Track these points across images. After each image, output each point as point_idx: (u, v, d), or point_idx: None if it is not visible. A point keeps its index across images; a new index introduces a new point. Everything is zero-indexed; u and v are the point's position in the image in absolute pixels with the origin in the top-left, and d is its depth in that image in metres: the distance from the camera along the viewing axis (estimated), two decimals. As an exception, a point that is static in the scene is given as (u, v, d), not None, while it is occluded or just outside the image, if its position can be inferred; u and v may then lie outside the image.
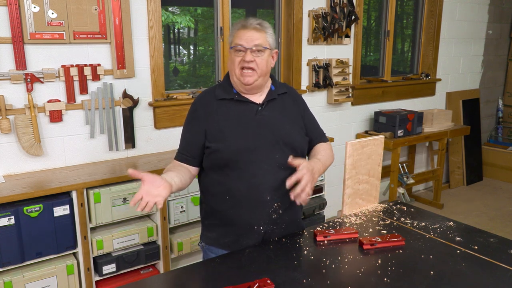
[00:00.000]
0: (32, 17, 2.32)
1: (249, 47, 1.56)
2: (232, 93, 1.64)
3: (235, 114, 1.62)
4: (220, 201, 1.62)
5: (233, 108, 1.63)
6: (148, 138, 2.87)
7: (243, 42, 1.56)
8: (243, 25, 1.59)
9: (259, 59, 1.57)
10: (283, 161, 1.57)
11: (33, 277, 2.19)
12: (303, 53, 3.50)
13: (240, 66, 1.57)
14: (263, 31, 1.59)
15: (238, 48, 1.57)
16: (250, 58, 1.55)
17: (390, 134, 3.83)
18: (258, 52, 1.57)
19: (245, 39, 1.56)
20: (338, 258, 1.43)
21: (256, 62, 1.57)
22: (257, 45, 1.56)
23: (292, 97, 1.75)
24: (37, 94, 2.43)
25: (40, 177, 2.39)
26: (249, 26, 1.57)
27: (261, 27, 1.59)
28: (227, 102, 1.64)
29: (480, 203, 4.54)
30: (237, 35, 1.58)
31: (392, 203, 1.94)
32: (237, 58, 1.58)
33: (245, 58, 1.55)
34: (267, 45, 1.59)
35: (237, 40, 1.57)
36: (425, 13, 4.50)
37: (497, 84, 5.53)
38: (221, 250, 1.66)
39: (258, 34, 1.57)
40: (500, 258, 1.43)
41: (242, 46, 1.56)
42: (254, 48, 1.56)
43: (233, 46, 1.59)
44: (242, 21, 1.61)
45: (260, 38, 1.57)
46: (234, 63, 1.58)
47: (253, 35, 1.56)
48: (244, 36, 1.56)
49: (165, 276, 1.61)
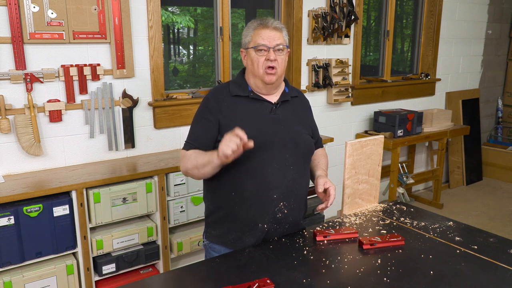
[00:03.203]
0: (31, 17, 2.32)
1: (271, 46, 1.58)
2: (247, 90, 1.66)
3: (250, 111, 1.62)
4: (226, 197, 1.62)
5: (247, 105, 1.64)
6: (147, 138, 2.87)
7: (266, 42, 1.58)
8: (262, 24, 1.60)
9: (280, 58, 1.60)
10: (292, 161, 1.61)
11: (33, 277, 2.19)
12: (303, 53, 3.50)
13: (265, 66, 1.58)
14: (281, 31, 1.62)
15: (261, 48, 1.58)
16: (274, 57, 1.58)
17: (389, 134, 3.84)
18: (279, 51, 1.60)
19: (268, 39, 1.58)
20: (338, 258, 1.43)
21: (278, 61, 1.59)
22: (278, 45, 1.59)
23: (302, 101, 1.80)
24: (36, 94, 2.43)
25: (39, 177, 2.39)
26: (270, 26, 1.60)
27: (280, 26, 1.62)
28: (242, 99, 1.65)
29: (479, 203, 4.54)
30: (257, 35, 1.59)
31: (392, 203, 1.94)
32: (261, 58, 1.59)
33: (270, 57, 1.57)
34: (286, 44, 1.63)
35: (259, 40, 1.58)
36: (425, 13, 4.50)
37: (497, 84, 5.53)
38: (224, 248, 1.66)
39: (278, 34, 1.60)
40: (500, 258, 1.43)
41: (265, 45, 1.58)
42: (276, 48, 1.58)
43: (255, 46, 1.59)
44: (260, 21, 1.62)
45: (280, 38, 1.61)
46: (258, 63, 1.59)
47: (274, 34, 1.59)
48: (266, 36, 1.58)
49: (164, 276, 1.61)
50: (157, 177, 2.52)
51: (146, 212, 2.52)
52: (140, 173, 2.47)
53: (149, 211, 2.53)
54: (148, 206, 2.51)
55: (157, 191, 2.53)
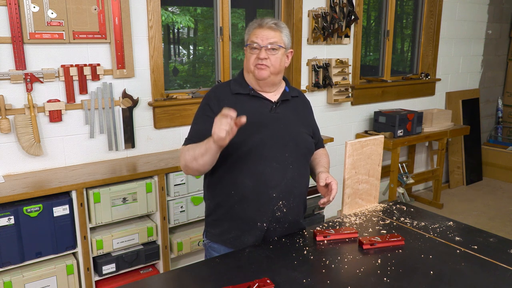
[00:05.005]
0: (31, 17, 2.32)
1: (263, 45, 1.60)
2: (247, 88, 1.68)
3: (250, 109, 1.63)
4: (226, 196, 1.62)
5: (248, 103, 1.65)
6: (147, 138, 2.87)
7: (258, 40, 1.60)
8: (259, 24, 1.63)
9: (273, 57, 1.61)
10: (292, 160, 1.61)
11: (33, 277, 2.19)
12: (303, 53, 3.50)
13: (254, 63, 1.62)
14: (278, 30, 1.63)
15: (254, 46, 1.61)
16: (264, 55, 1.60)
17: (389, 134, 3.83)
18: (273, 50, 1.61)
19: (261, 37, 1.60)
20: (338, 258, 1.43)
21: (270, 59, 1.61)
22: (271, 43, 1.60)
23: (302, 102, 1.81)
24: (36, 94, 2.43)
25: (39, 177, 2.39)
26: (264, 25, 1.62)
27: (277, 26, 1.63)
28: (243, 97, 1.66)
29: (479, 203, 4.54)
30: (253, 33, 1.63)
31: (392, 203, 1.94)
32: (252, 55, 1.62)
33: (260, 55, 1.60)
34: (281, 44, 1.63)
35: (253, 38, 1.62)
36: (425, 13, 4.50)
37: (497, 84, 5.53)
38: (224, 247, 1.66)
39: (274, 33, 1.62)
40: (500, 258, 1.43)
41: (257, 44, 1.60)
42: (269, 46, 1.60)
43: (249, 44, 1.63)
44: (259, 20, 1.65)
45: (275, 37, 1.61)
46: (249, 60, 1.63)
47: (268, 33, 1.61)
48: (259, 35, 1.61)
49: (165, 276, 1.61)
50: (157, 177, 2.52)
51: (146, 212, 2.52)
52: (140, 173, 2.47)
53: (149, 211, 2.53)
54: (148, 206, 2.51)
55: (157, 191, 2.53)
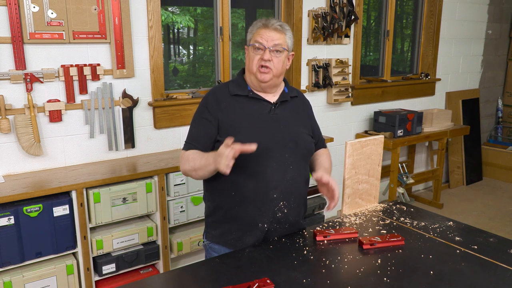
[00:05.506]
0: (31, 17, 2.32)
1: (268, 46, 1.59)
2: (246, 90, 1.67)
3: (249, 111, 1.63)
4: (226, 197, 1.62)
5: (246, 105, 1.64)
6: (147, 138, 2.87)
7: (263, 41, 1.59)
8: (264, 24, 1.61)
9: (277, 59, 1.60)
10: (292, 161, 1.61)
11: (33, 277, 2.19)
12: (303, 53, 3.50)
13: (258, 64, 1.60)
14: (283, 33, 1.62)
15: (257, 46, 1.60)
16: (268, 57, 1.58)
17: (389, 134, 3.84)
18: (277, 52, 1.60)
19: (265, 38, 1.59)
20: (338, 258, 1.43)
21: (273, 62, 1.60)
22: (276, 45, 1.59)
23: (302, 102, 1.80)
24: (36, 94, 2.43)
25: (39, 177, 2.39)
26: (270, 26, 1.60)
27: (282, 28, 1.62)
28: (241, 99, 1.65)
29: (479, 203, 4.54)
30: (257, 33, 1.61)
31: (392, 203, 1.94)
32: (256, 56, 1.60)
33: (264, 56, 1.58)
34: (285, 46, 1.62)
35: (257, 38, 1.60)
36: (425, 13, 4.50)
37: (497, 84, 5.53)
38: (224, 248, 1.66)
39: (278, 35, 1.60)
40: (500, 258, 1.43)
41: (262, 44, 1.59)
42: (272, 48, 1.59)
43: (252, 44, 1.61)
44: (263, 21, 1.63)
45: (280, 39, 1.60)
46: (253, 61, 1.61)
47: (273, 35, 1.59)
48: (264, 35, 1.59)
49: (164, 276, 1.61)
50: (157, 177, 2.52)
51: (146, 212, 2.52)
52: (140, 173, 2.47)
53: (149, 211, 2.53)
54: (148, 206, 2.51)
55: (157, 191, 2.53)
